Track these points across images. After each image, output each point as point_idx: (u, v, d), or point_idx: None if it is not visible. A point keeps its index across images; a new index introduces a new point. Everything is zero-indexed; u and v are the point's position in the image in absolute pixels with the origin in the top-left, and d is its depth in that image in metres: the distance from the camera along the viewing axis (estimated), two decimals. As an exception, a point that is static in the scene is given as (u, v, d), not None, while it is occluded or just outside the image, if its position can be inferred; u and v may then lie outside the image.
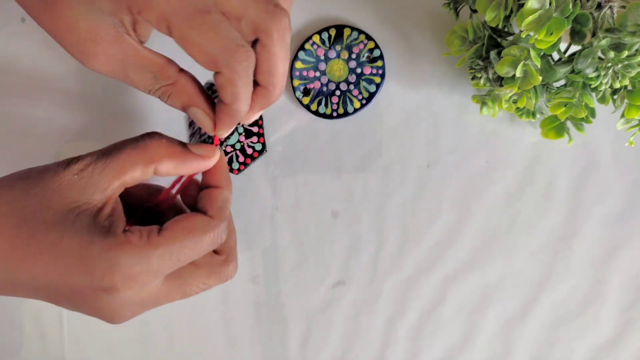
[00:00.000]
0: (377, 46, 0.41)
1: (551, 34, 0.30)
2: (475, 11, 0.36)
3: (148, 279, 0.29)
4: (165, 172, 0.31)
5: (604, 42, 0.30)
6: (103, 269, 0.27)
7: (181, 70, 0.30)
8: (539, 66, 0.32)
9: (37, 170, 0.30)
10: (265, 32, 0.28)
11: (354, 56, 0.41)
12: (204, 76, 0.31)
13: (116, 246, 0.28)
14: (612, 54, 0.30)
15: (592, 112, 0.35)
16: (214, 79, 0.28)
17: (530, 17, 0.29)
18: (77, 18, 0.27)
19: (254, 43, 0.29)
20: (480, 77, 0.35)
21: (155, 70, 0.29)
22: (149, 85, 0.29)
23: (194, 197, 0.32)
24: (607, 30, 0.30)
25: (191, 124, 0.40)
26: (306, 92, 0.41)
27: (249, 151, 0.41)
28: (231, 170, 0.41)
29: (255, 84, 0.30)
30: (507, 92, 0.34)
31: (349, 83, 0.41)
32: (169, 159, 0.30)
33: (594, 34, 0.30)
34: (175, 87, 0.30)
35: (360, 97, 0.41)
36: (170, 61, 0.30)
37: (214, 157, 0.31)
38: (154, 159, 0.30)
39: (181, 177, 0.33)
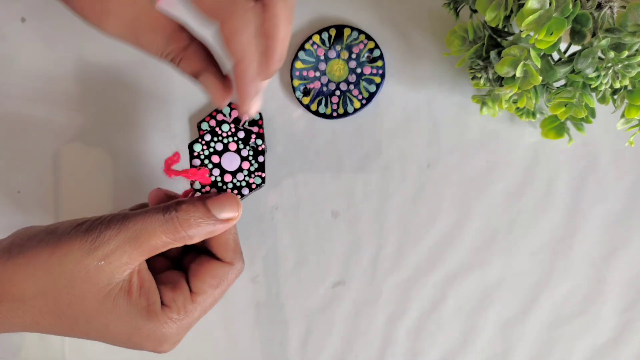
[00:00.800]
0: (377, 46, 0.41)
1: (551, 34, 0.30)
2: (475, 11, 0.36)
3: (185, 334, 0.32)
4: (193, 243, 0.32)
5: (604, 42, 0.30)
6: (153, 345, 0.31)
7: (193, 37, 0.29)
8: (539, 66, 0.32)
9: (54, 252, 0.28)
10: None
11: (354, 56, 0.41)
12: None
13: (161, 327, 0.30)
14: (612, 54, 0.30)
15: (592, 112, 0.35)
16: (220, 31, 0.27)
17: (530, 17, 0.29)
18: None
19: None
20: (480, 77, 0.35)
21: (168, 33, 0.28)
22: (161, 48, 0.28)
23: None
24: (607, 30, 0.30)
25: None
26: (306, 92, 0.41)
27: (249, 151, 0.41)
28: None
29: None
30: (507, 92, 0.34)
31: (349, 83, 0.41)
32: (199, 236, 0.31)
33: (594, 34, 0.30)
34: (186, 52, 0.28)
35: (360, 97, 0.41)
36: (182, 26, 0.29)
37: (239, 215, 0.32)
38: (185, 239, 0.30)
39: (190, 190, 0.34)
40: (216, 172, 0.36)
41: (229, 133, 0.37)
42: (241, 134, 0.37)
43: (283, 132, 0.42)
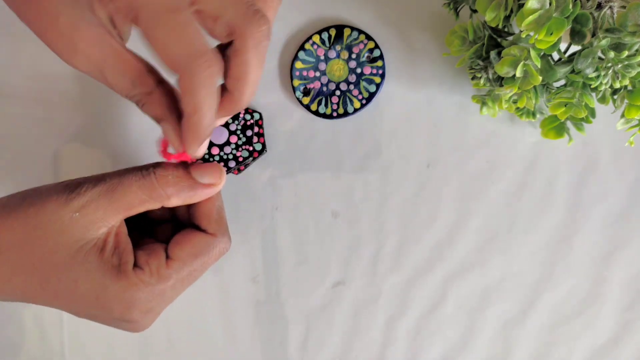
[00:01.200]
0: (377, 46, 0.41)
1: (551, 34, 0.30)
2: (475, 11, 0.36)
3: (164, 305, 0.31)
4: (172, 205, 0.30)
5: (604, 42, 0.30)
6: (121, 308, 0.29)
7: (161, 80, 0.29)
8: (539, 66, 0.32)
9: (33, 203, 0.28)
10: (240, 36, 0.27)
11: (354, 56, 0.41)
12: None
13: (130, 287, 0.29)
14: (612, 54, 0.30)
15: (592, 112, 0.35)
16: (178, 83, 0.27)
17: (530, 17, 0.29)
18: (58, 12, 0.26)
19: (228, 46, 0.28)
20: (480, 77, 0.35)
21: (134, 76, 0.27)
22: (126, 90, 0.28)
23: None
24: (607, 30, 0.30)
25: None
26: (306, 92, 0.41)
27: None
28: (231, 170, 0.41)
29: (224, 88, 0.29)
30: (507, 92, 0.34)
31: (349, 83, 0.41)
32: (177, 196, 0.30)
33: (594, 34, 0.30)
34: (150, 98, 0.28)
35: (360, 97, 0.41)
36: (151, 69, 0.28)
37: (221, 183, 0.31)
38: (162, 197, 0.29)
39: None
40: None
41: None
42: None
43: (283, 132, 0.42)
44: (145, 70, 0.28)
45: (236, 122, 0.36)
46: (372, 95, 0.41)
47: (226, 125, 0.35)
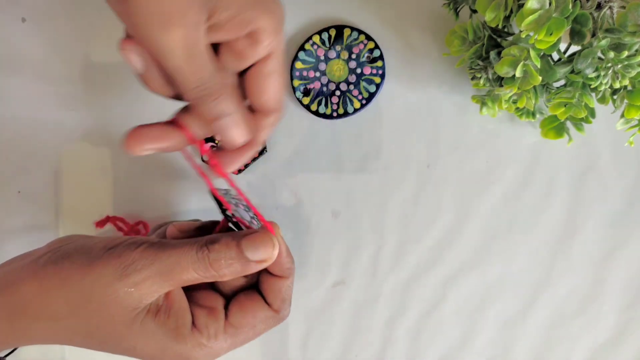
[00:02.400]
0: (377, 46, 0.41)
1: (551, 34, 0.30)
2: (475, 11, 0.36)
3: None
4: (226, 280, 0.31)
5: (603, 42, 0.30)
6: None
7: (230, 75, 0.30)
8: (539, 66, 0.32)
9: (87, 274, 0.29)
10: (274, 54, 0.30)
11: (354, 56, 0.41)
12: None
13: (188, 350, 0.30)
14: (612, 54, 0.30)
15: (591, 112, 0.35)
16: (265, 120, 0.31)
17: (530, 17, 0.29)
18: None
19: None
20: (480, 77, 0.35)
21: (214, 69, 0.28)
22: (205, 79, 0.27)
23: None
24: (607, 31, 0.30)
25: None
26: (306, 92, 0.41)
27: (249, 151, 0.41)
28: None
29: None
30: (507, 92, 0.34)
31: (349, 83, 0.41)
32: (230, 275, 0.30)
33: (593, 34, 0.30)
34: (227, 89, 0.28)
35: (360, 97, 0.41)
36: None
37: (273, 258, 0.31)
38: (216, 277, 0.30)
39: (224, 223, 0.33)
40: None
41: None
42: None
43: (283, 132, 0.42)
44: (218, 66, 0.29)
45: None
46: (372, 95, 0.41)
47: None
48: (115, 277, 0.28)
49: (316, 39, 0.41)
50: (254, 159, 0.42)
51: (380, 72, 0.41)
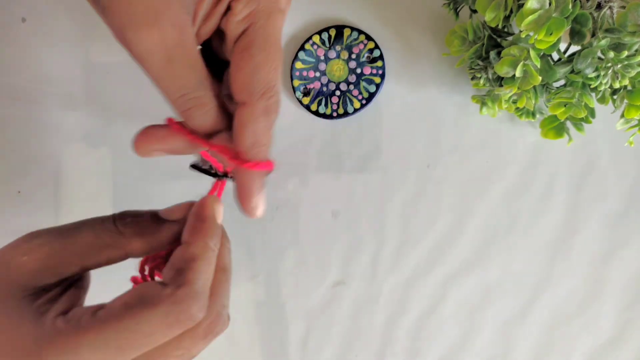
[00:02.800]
0: (377, 46, 0.41)
1: (551, 34, 0.30)
2: (475, 11, 0.36)
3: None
4: (137, 253, 0.26)
5: (603, 42, 0.30)
6: None
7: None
8: (539, 66, 0.32)
9: None
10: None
11: (354, 56, 0.41)
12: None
13: (42, 336, 0.23)
14: (611, 54, 0.30)
15: (591, 112, 0.35)
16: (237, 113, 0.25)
17: (530, 17, 0.29)
18: None
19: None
20: (480, 77, 0.35)
21: (203, 75, 0.25)
22: (190, 87, 0.24)
23: None
24: (607, 31, 0.30)
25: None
26: (306, 92, 0.41)
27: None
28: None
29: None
30: (507, 92, 0.34)
31: (349, 83, 0.41)
32: (139, 237, 0.25)
33: (593, 34, 0.30)
34: (214, 103, 0.25)
35: (360, 97, 0.41)
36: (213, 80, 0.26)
37: (177, 218, 0.27)
38: (122, 241, 0.25)
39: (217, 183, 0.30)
40: None
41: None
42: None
43: (283, 132, 0.42)
44: (209, 74, 0.25)
45: None
46: (372, 95, 0.41)
47: None
48: (13, 245, 0.25)
49: (316, 39, 0.41)
50: None
51: (380, 72, 0.41)
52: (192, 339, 0.25)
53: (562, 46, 0.34)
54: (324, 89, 0.41)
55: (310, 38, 0.41)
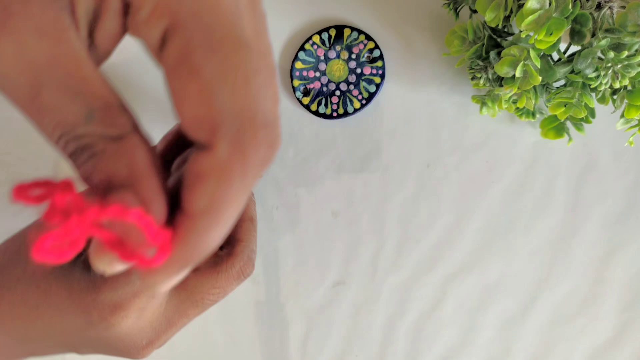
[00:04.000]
0: (377, 46, 0.41)
1: (551, 34, 0.30)
2: (475, 11, 0.36)
3: (139, 302, 0.25)
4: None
5: (603, 42, 0.30)
6: (88, 304, 0.25)
7: (136, 127, 0.18)
8: (539, 66, 0.32)
9: None
10: None
11: (354, 56, 0.41)
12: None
13: (94, 282, 0.25)
14: (611, 54, 0.30)
15: (591, 112, 0.35)
16: (191, 154, 0.17)
17: (530, 18, 0.29)
18: None
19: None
20: (480, 77, 0.35)
21: (98, 105, 0.17)
22: (71, 123, 0.16)
23: None
24: (607, 31, 0.30)
25: None
26: (306, 92, 0.41)
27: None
28: None
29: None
30: (507, 92, 0.34)
31: (349, 83, 0.41)
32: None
33: (593, 34, 0.30)
34: (119, 146, 0.17)
35: (360, 97, 0.41)
36: (124, 106, 0.18)
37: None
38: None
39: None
40: None
41: None
42: None
43: (283, 132, 0.42)
44: (116, 103, 0.18)
45: None
46: (372, 96, 0.41)
47: None
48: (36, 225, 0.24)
49: (316, 39, 0.41)
50: None
51: (380, 72, 0.41)
52: (227, 279, 0.27)
53: (562, 46, 0.34)
54: (324, 89, 0.41)
55: (310, 38, 0.41)
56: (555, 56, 0.34)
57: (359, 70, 0.41)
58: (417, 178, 0.41)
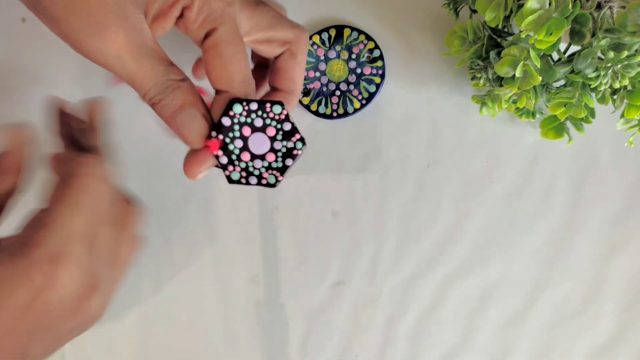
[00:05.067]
0: (377, 46, 0.41)
1: (551, 34, 0.30)
2: (475, 11, 0.36)
3: (75, 249, 0.27)
4: None
5: (603, 42, 0.30)
6: (25, 269, 0.26)
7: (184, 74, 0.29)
8: (539, 66, 0.32)
9: None
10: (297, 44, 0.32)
11: (354, 56, 0.41)
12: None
13: (17, 249, 0.27)
14: (611, 54, 0.30)
15: (591, 112, 0.35)
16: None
17: (530, 18, 0.29)
18: None
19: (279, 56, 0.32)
20: (480, 77, 0.35)
21: (168, 63, 0.27)
22: (159, 76, 0.27)
23: None
24: (607, 31, 0.30)
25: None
26: (306, 92, 0.41)
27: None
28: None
29: (276, 89, 0.32)
30: (507, 92, 0.34)
31: (349, 83, 0.41)
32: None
33: (593, 34, 0.30)
34: (183, 84, 0.27)
35: (360, 97, 0.41)
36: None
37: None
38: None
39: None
40: (239, 143, 0.29)
41: (278, 117, 0.28)
42: (287, 126, 0.28)
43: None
44: (172, 62, 0.28)
45: (283, 142, 0.29)
46: (372, 96, 0.41)
47: (261, 129, 0.29)
48: None
49: (316, 39, 0.41)
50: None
51: (380, 72, 0.41)
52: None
53: (562, 46, 0.34)
54: (324, 89, 0.41)
55: (310, 38, 0.41)
56: (555, 56, 0.34)
57: (359, 70, 0.41)
58: (417, 178, 0.41)
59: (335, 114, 0.41)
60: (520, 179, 0.41)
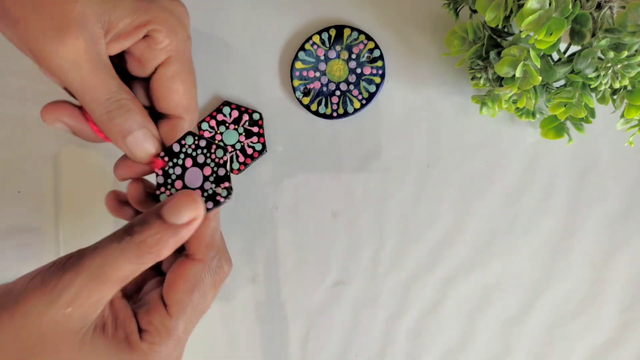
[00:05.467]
0: (377, 46, 0.41)
1: (551, 34, 0.30)
2: (475, 11, 0.36)
3: (182, 348, 0.29)
4: (166, 257, 0.28)
5: (603, 42, 0.30)
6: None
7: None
8: (539, 66, 0.32)
9: (14, 315, 0.25)
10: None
11: (354, 56, 0.41)
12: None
13: (145, 355, 0.27)
14: (611, 54, 0.30)
15: (591, 112, 0.35)
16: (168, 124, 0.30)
17: (530, 18, 0.29)
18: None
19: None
20: (480, 78, 0.35)
21: (119, 81, 0.28)
22: (113, 92, 0.27)
23: None
24: (607, 31, 0.30)
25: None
26: (306, 92, 0.41)
27: (249, 151, 0.41)
28: (231, 170, 0.41)
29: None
30: (507, 92, 0.34)
31: (349, 83, 0.41)
32: (166, 249, 0.27)
33: (593, 34, 0.30)
34: (136, 104, 0.28)
35: (360, 97, 0.41)
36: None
37: (202, 214, 0.27)
38: (153, 259, 0.27)
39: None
40: (178, 171, 0.30)
41: (218, 160, 0.30)
42: (221, 172, 0.30)
43: (283, 132, 0.42)
44: (121, 80, 0.28)
45: (208, 160, 0.30)
46: (372, 96, 0.41)
47: (200, 165, 0.30)
48: (46, 303, 0.25)
49: (316, 39, 0.41)
50: (254, 159, 0.41)
51: (380, 72, 0.41)
52: (215, 285, 0.31)
53: (562, 46, 0.34)
54: (324, 89, 0.41)
55: (310, 38, 0.41)
56: (555, 56, 0.34)
57: (359, 70, 0.41)
58: (417, 178, 0.41)
59: (335, 114, 0.41)
60: (520, 179, 0.41)
